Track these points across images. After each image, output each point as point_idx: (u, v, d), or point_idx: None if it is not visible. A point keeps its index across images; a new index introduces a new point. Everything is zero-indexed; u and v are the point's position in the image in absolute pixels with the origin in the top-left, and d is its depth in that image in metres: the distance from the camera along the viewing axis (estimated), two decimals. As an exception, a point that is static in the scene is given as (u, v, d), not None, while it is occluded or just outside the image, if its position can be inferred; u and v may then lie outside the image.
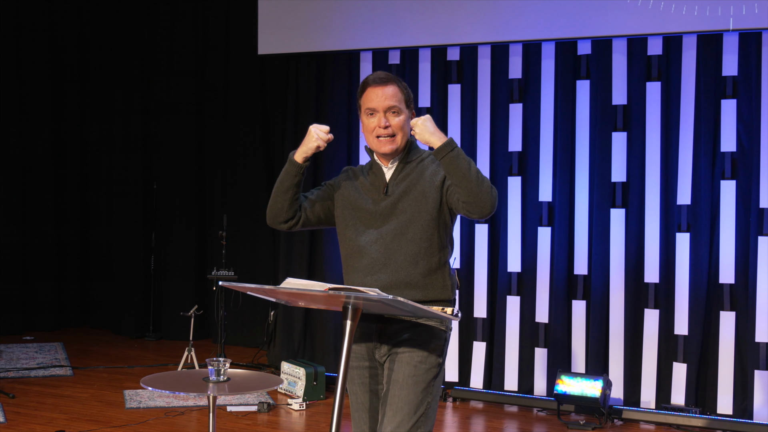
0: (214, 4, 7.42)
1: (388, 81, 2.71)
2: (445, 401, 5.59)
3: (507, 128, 5.69)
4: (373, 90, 2.71)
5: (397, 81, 2.74)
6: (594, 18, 5.28)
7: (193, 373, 3.20)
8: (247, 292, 2.65)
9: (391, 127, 2.69)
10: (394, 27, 5.78)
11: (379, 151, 2.74)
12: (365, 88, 2.74)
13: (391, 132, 2.70)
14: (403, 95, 2.72)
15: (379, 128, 2.70)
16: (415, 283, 2.65)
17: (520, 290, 5.65)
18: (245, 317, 7.03)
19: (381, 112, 2.69)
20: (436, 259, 2.67)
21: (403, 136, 2.72)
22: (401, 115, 2.71)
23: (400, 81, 2.76)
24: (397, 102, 2.70)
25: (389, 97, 2.69)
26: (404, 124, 2.71)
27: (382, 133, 2.70)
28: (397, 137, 2.70)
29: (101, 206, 8.01)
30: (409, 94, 2.77)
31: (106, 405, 5.32)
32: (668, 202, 5.29)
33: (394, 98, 2.70)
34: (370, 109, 2.71)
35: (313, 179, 6.24)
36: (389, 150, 2.71)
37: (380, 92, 2.69)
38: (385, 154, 2.73)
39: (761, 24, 4.87)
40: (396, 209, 2.68)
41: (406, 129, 2.72)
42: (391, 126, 2.69)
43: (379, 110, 2.69)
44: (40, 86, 7.74)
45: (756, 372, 5.02)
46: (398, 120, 2.70)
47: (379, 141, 2.72)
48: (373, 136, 2.72)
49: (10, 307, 7.54)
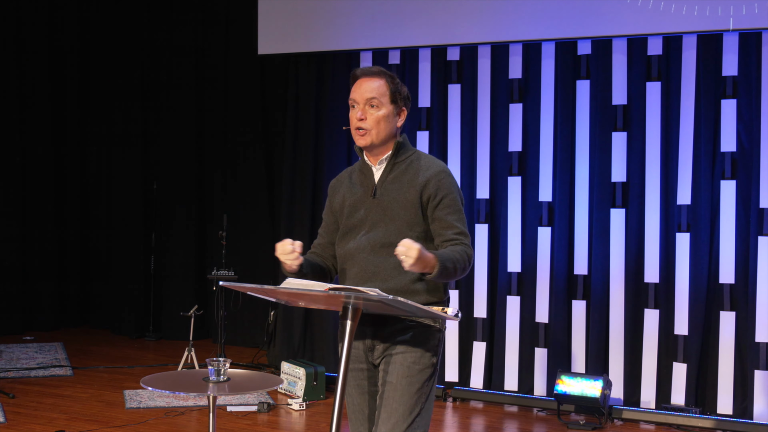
0: (214, 4, 7.42)
1: (375, 74, 2.69)
2: (445, 401, 5.59)
3: (507, 128, 5.69)
4: (358, 82, 2.69)
5: (385, 75, 2.70)
6: (594, 18, 5.28)
7: (193, 373, 3.20)
8: (247, 292, 2.64)
9: (366, 120, 2.66)
10: (394, 27, 5.78)
11: (356, 143, 2.72)
12: (353, 80, 2.73)
13: (365, 126, 2.66)
14: (388, 89, 2.68)
15: (356, 119, 2.68)
16: (406, 290, 2.62)
17: (520, 290, 5.65)
18: (245, 317, 7.03)
19: (360, 104, 2.67)
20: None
21: (380, 131, 2.67)
22: (381, 110, 2.66)
23: (391, 76, 2.71)
24: (379, 95, 2.66)
25: (370, 90, 2.66)
26: (383, 120, 2.66)
27: (356, 124, 2.68)
28: (372, 132, 2.66)
29: (101, 206, 8.01)
30: (399, 89, 2.70)
31: (106, 405, 5.32)
32: (668, 202, 5.29)
33: (377, 91, 2.66)
34: (352, 100, 2.70)
35: (314, 178, 6.26)
36: (363, 144, 2.69)
37: (363, 84, 2.68)
38: (361, 147, 2.71)
39: (761, 24, 4.87)
40: (385, 216, 2.67)
41: (384, 125, 2.67)
42: (366, 119, 2.66)
43: (359, 102, 2.67)
44: (41, 86, 7.74)
45: (756, 372, 5.02)
46: (377, 114, 2.66)
47: (355, 132, 2.70)
48: (353, 128, 2.71)
49: (10, 307, 7.54)
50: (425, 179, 2.66)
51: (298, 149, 6.30)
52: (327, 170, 6.15)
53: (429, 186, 2.65)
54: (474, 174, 5.75)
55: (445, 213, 2.65)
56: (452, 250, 2.57)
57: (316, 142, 6.22)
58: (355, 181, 2.78)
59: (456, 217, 2.65)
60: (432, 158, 2.77)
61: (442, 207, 2.65)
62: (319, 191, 6.23)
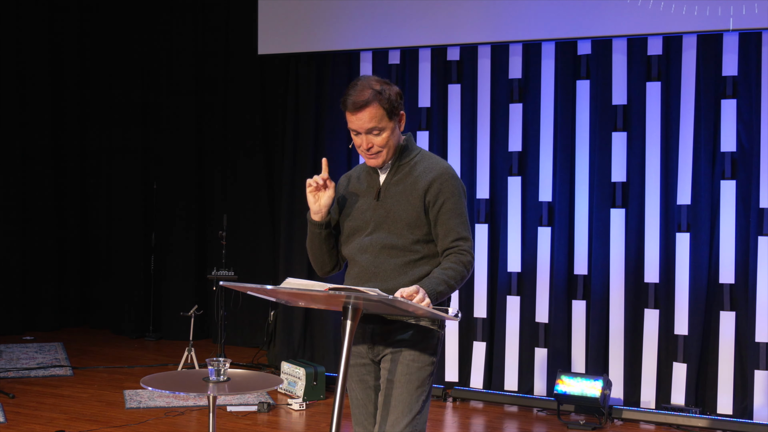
0: (214, 4, 7.42)
1: (363, 105, 2.63)
2: (445, 401, 5.59)
3: (507, 128, 5.69)
4: (350, 115, 2.67)
5: (374, 98, 2.63)
6: (594, 18, 5.28)
7: (193, 373, 3.21)
8: (247, 292, 2.65)
9: (374, 146, 2.68)
10: (394, 27, 5.78)
11: (368, 164, 2.75)
12: (344, 109, 2.69)
13: (376, 151, 2.69)
14: (384, 110, 2.64)
15: (364, 149, 2.70)
16: None
17: (520, 290, 5.65)
18: (245, 317, 7.03)
19: (363, 134, 2.67)
20: (428, 268, 2.66)
21: (390, 148, 2.69)
22: (384, 132, 2.66)
23: (380, 93, 2.64)
24: (377, 122, 2.64)
25: (368, 120, 2.64)
26: (390, 138, 2.68)
27: (366, 154, 2.71)
28: (383, 152, 2.69)
29: (101, 206, 8.01)
30: (392, 101, 2.66)
31: (106, 405, 5.32)
32: (668, 202, 5.29)
33: (373, 120, 2.64)
34: (353, 130, 2.70)
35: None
36: (376, 165, 2.72)
37: (358, 117, 2.65)
38: (375, 167, 2.74)
39: (761, 24, 4.87)
40: (388, 218, 2.68)
41: (392, 141, 2.69)
42: (374, 145, 2.68)
43: (361, 132, 2.68)
44: (41, 85, 7.74)
45: (756, 372, 5.02)
46: (381, 138, 2.67)
47: (367, 157, 2.73)
48: (361, 153, 2.73)
49: (10, 307, 7.54)
50: (428, 181, 2.67)
51: (298, 149, 6.30)
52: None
53: (432, 189, 2.67)
54: (474, 174, 5.75)
55: (446, 217, 2.66)
56: (444, 269, 2.60)
57: (315, 142, 6.22)
58: (362, 181, 2.80)
59: (457, 221, 2.66)
60: (436, 158, 2.77)
61: (444, 211, 2.66)
62: (319, 191, 6.21)
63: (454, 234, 2.65)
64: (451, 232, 2.65)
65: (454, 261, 2.62)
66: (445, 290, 2.57)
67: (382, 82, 2.68)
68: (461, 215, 2.68)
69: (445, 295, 2.59)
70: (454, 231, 2.65)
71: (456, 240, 2.65)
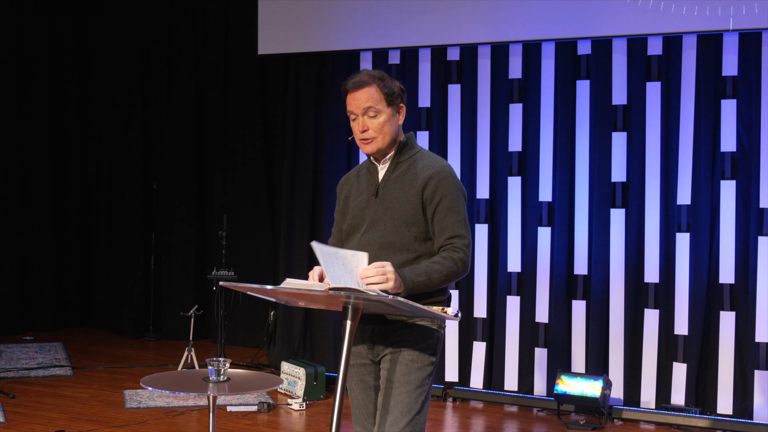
0: (214, 4, 7.43)
1: (364, 83, 2.70)
2: (445, 401, 5.59)
3: (507, 128, 5.69)
4: (350, 95, 2.72)
5: (374, 80, 2.70)
6: (594, 18, 5.28)
7: (193, 373, 3.20)
8: (247, 292, 2.65)
9: (369, 130, 2.70)
10: (394, 27, 5.78)
11: (363, 151, 2.77)
12: (345, 93, 2.75)
13: (370, 135, 2.70)
14: (382, 93, 2.69)
15: (359, 131, 2.72)
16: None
17: (520, 290, 5.65)
18: (245, 317, 7.03)
19: (360, 116, 2.70)
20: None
21: (385, 136, 2.70)
22: (381, 116, 2.69)
23: (380, 78, 2.72)
24: (374, 103, 2.68)
25: (365, 100, 2.68)
26: (385, 125, 2.70)
27: (360, 136, 2.72)
28: (378, 138, 2.70)
29: (101, 206, 8.01)
30: (392, 89, 2.72)
31: (106, 405, 5.32)
32: (668, 202, 5.29)
33: (371, 100, 2.68)
34: (350, 113, 2.73)
35: (314, 178, 6.26)
36: (370, 151, 2.73)
37: (356, 95, 2.70)
38: (368, 154, 2.76)
39: (761, 24, 4.88)
40: (385, 215, 2.69)
41: (388, 128, 2.70)
42: (369, 129, 2.69)
43: (358, 113, 2.70)
44: (41, 84, 7.74)
45: (756, 372, 5.02)
46: (377, 122, 2.69)
47: (360, 142, 2.75)
48: (357, 138, 2.75)
49: (10, 306, 7.54)
50: (425, 179, 2.68)
51: (298, 149, 6.30)
52: (327, 170, 6.15)
53: (429, 186, 2.67)
54: (474, 174, 5.76)
55: (443, 215, 2.66)
56: (431, 262, 2.60)
57: (316, 142, 6.22)
58: (362, 179, 2.81)
59: (454, 218, 2.66)
60: (435, 157, 2.78)
61: (441, 209, 2.66)
62: (319, 191, 6.23)
63: (449, 231, 2.65)
64: (447, 229, 2.65)
65: (444, 256, 2.62)
66: (424, 282, 2.55)
67: (385, 75, 2.75)
68: (458, 213, 2.68)
69: (426, 288, 2.56)
70: (450, 229, 2.65)
71: (451, 237, 2.65)
